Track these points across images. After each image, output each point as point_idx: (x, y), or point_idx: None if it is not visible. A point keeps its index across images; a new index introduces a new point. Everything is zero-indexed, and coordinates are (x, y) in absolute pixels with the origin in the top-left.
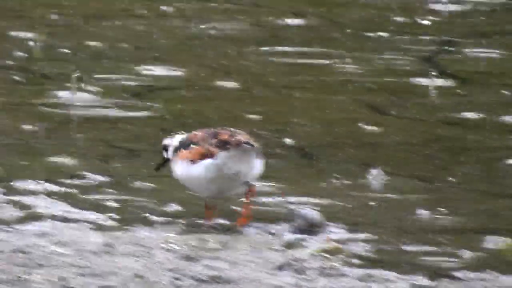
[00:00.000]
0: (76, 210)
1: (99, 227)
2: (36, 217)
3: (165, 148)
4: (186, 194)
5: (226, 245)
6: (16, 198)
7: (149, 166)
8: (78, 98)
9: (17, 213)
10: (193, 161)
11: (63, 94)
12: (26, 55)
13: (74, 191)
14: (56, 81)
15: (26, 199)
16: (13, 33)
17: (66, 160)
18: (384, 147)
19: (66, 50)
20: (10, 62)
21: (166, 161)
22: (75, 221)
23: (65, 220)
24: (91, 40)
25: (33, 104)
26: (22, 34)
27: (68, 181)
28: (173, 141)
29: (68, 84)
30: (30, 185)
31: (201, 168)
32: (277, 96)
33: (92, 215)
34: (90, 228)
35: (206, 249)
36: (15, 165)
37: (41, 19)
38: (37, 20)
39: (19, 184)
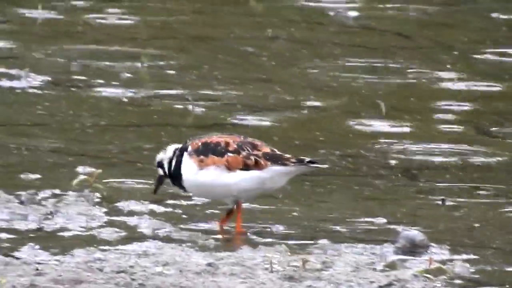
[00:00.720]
0: (180, 231)
1: (203, 248)
2: (139, 237)
3: (160, 164)
4: (290, 215)
5: (328, 265)
6: (119, 218)
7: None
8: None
9: (120, 233)
10: (229, 169)
11: (171, 115)
12: (133, 76)
13: (178, 211)
14: (164, 102)
15: (130, 220)
16: (121, 55)
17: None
18: (490, 169)
19: (172, 71)
20: (117, 83)
21: (162, 178)
22: (179, 241)
23: (168, 240)
24: (196, 62)
25: (138, 125)
26: (130, 55)
27: (172, 202)
28: (166, 153)
29: (177, 106)
30: (134, 206)
31: (241, 178)
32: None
33: (195, 236)
34: (194, 249)
35: (308, 270)
36: (120, 186)
37: (148, 41)
38: (144, 42)
39: (123, 205)
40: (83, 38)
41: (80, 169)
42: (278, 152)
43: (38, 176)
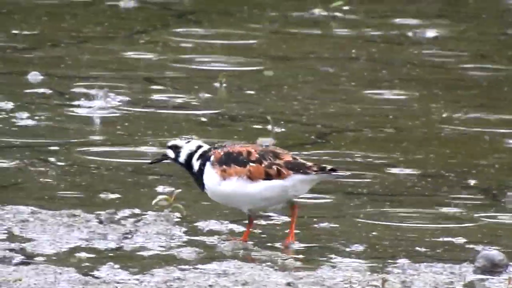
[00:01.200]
0: (259, 250)
1: (282, 267)
2: (219, 257)
3: (175, 149)
4: (369, 234)
5: (407, 285)
6: (199, 238)
7: (332, 207)
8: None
9: (199, 253)
10: (252, 179)
11: (251, 135)
12: (211, 96)
13: (257, 231)
14: (244, 122)
15: (209, 239)
16: (200, 74)
17: None
18: None
19: (252, 92)
20: (196, 103)
21: (167, 159)
22: (258, 261)
23: (247, 260)
24: (276, 81)
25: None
26: (209, 74)
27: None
28: (188, 145)
29: (257, 126)
30: (214, 225)
31: (264, 188)
32: (462, 138)
33: (275, 255)
34: (273, 268)
35: None
36: (199, 206)
37: (227, 61)
38: (223, 62)
39: (203, 225)
40: (159, 57)
41: (159, 188)
42: (300, 160)
43: (117, 195)
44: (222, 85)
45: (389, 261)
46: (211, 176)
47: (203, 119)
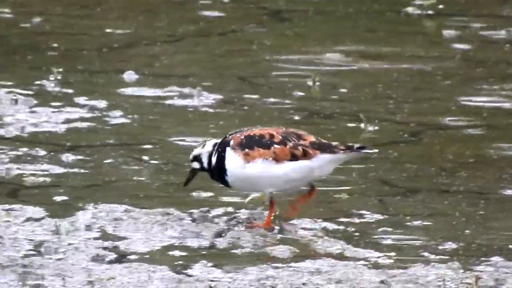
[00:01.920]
0: (353, 248)
1: (375, 265)
2: (312, 255)
3: (197, 159)
4: (462, 232)
5: (501, 283)
6: (292, 236)
7: (425, 205)
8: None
9: (293, 251)
10: (277, 160)
11: (344, 133)
12: (304, 94)
13: (351, 229)
14: (337, 120)
15: (303, 237)
16: (293, 72)
17: (344, 198)
18: None
19: (344, 90)
20: (289, 101)
21: (196, 172)
22: (351, 259)
23: (341, 258)
24: (370, 80)
25: None
26: (302, 73)
27: (346, 219)
28: (204, 148)
29: (350, 125)
30: (307, 223)
31: (290, 169)
32: None
33: (368, 253)
34: (366, 266)
35: (481, 287)
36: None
37: (320, 60)
38: (316, 59)
39: (296, 223)
40: (252, 56)
41: None
42: (324, 141)
43: (210, 194)
44: (315, 83)
45: (482, 259)
46: (234, 160)
47: (296, 117)
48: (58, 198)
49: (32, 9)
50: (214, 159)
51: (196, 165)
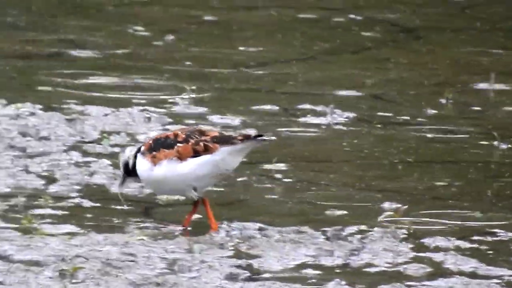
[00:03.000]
0: (486, 267)
1: (509, 284)
2: (445, 273)
3: (125, 164)
4: None
5: None
6: (425, 254)
7: None
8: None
9: (426, 269)
10: (181, 159)
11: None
12: (436, 111)
13: (485, 247)
14: (470, 139)
15: (436, 256)
16: (426, 89)
17: (477, 216)
18: None
19: (477, 108)
20: (422, 119)
21: (123, 178)
22: (485, 277)
23: (474, 276)
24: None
25: (444, 161)
26: (435, 89)
27: (479, 237)
28: (125, 154)
29: (483, 143)
30: (440, 241)
31: (194, 165)
32: None
33: (502, 272)
34: (500, 285)
35: None
36: (426, 222)
37: (454, 77)
38: (450, 78)
39: (429, 241)
40: (385, 73)
41: (386, 205)
42: (226, 134)
43: (344, 212)
44: (448, 101)
45: None
46: (142, 164)
47: (429, 135)
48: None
49: (164, 27)
50: (130, 166)
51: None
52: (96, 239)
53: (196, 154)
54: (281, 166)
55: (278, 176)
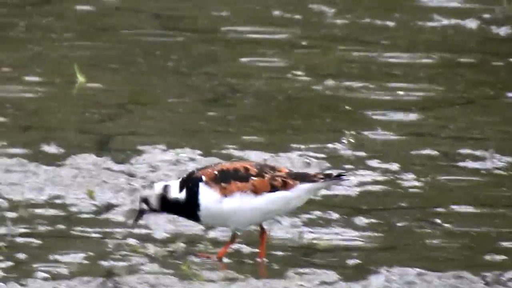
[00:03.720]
0: None
1: None
2: None
3: (145, 200)
4: None
5: None
6: None
7: None
8: None
9: None
10: (256, 192)
11: None
12: None
13: None
14: None
15: None
16: None
17: None
18: None
19: None
20: None
21: (143, 213)
22: None
23: None
24: None
25: None
26: None
27: None
28: (154, 190)
29: None
30: None
31: (269, 200)
32: None
33: None
34: None
35: None
36: None
37: None
38: None
39: None
40: None
41: None
42: (301, 171)
43: (504, 257)
44: None
45: None
46: (209, 195)
47: None
48: (350, 262)
49: (324, 71)
50: (182, 195)
51: (144, 206)
52: (255, 285)
53: (273, 189)
54: (441, 210)
55: (438, 221)
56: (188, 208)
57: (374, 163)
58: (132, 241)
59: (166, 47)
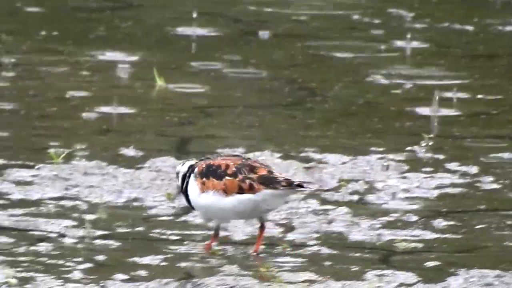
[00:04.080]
0: None
1: None
2: None
3: (177, 176)
4: None
5: None
6: None
7: None
8: None
9: None
10: (227, 193)
11: None
12: None
13: None
14: None
15: None
16: None
17: None
18: None
19: None
20: None
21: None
22: None
23: None
24: None
25: None
26: None
27: None
28: (182, 167)
29: None
30: None
31: (237, 202)
32: None
33: None
34: None
35: None
36: None
37: None
38: None
39: None
40: None
41: None
42: (274, 175)
43: None
44: None
45: None
46: (193, 188)
47: None
48: (429, 264)
49: (402, 75)
50: (184, 181)
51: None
52: (334, 287)
53: (240, 191)
54: None
55: None
56: (185, 197)
57: (453, 166)
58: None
59: (245, 51)
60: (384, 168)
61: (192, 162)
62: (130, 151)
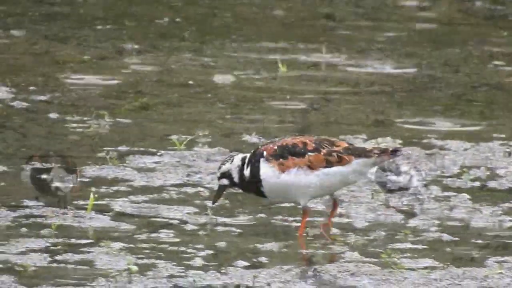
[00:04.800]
0: None
1: None
2: None
3: (226, 175)
4: None
5: None
6: None
7: None
8: None
9: None
10: (312, 168)
11: None
12: None
13: None
14: None
15: None
16: None
17: None
18: None
19: None
20: None
21: (225, 188)
22: None
23: None
24: None
25: None
26: None
27: None
28: (233, 163)
29: None
30: None
31: (324, 175)
32: None
33: None
34: None
35: None
36: None
37: None
38: None
39: None
40: None
41: None
42: (358, 146)
43: None
44: None
45: None
46: (268, 170)
47: None
48: None
49: None
50: (247, 172)
51: (225, 181)
52: (455, 273)
53: (328, 164)
54: None
55: None
56: (253, 183)
57: None
58: (333, 230)
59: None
60: (506, 155)
61: (240, 155)
62: (252, 138)
